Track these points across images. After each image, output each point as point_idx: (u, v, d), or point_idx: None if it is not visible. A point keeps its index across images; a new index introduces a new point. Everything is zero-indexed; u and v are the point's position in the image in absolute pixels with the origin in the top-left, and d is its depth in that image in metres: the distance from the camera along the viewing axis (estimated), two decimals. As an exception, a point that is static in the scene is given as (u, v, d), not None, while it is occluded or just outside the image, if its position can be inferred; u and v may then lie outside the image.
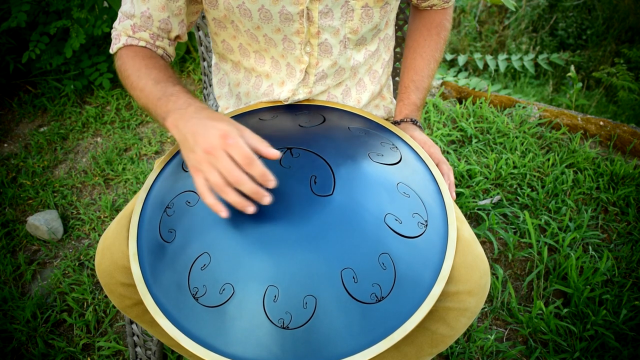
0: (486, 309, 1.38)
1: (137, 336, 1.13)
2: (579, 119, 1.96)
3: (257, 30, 0.86)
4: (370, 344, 0.64)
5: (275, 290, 0.64)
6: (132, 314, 0.85)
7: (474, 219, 1.63)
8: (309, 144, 0.78)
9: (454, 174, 1.51)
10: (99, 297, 1.46)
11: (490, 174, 1.73)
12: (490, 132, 1.92)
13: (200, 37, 1.32)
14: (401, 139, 0.88)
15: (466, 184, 1.71)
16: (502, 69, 2.69)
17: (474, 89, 2.30)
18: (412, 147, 0.87)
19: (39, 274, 1.57)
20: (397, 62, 1.26)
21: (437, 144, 1.73)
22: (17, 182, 1.89)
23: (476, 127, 1.95)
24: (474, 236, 0.82)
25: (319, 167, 0.75)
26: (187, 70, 2.42)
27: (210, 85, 1.39)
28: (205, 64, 1.36)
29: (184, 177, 0.79)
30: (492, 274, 1.41)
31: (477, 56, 2.76)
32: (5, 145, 2.11)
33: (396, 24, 1.16)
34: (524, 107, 2.02)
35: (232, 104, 1.03)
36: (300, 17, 0.83)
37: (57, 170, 1.96)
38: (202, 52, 1.34)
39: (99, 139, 2.09)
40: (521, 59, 2.76)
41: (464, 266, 0.75)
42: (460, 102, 2.14)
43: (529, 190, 1.67)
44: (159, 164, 0.86)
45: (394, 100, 1.10)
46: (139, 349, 1.17)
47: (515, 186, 1.71)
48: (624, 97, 2.77)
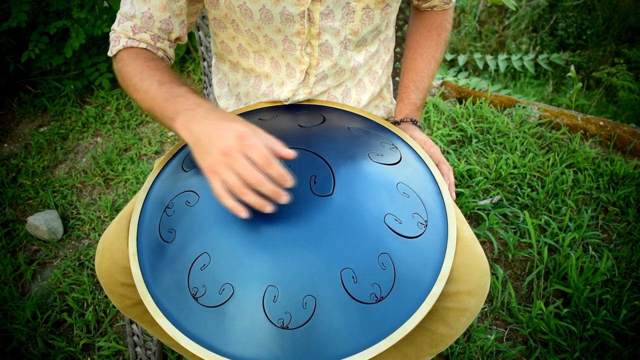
0: (486, 309, 1.38)
1: (137, 336, 1.13)
2: (579, 119, 1.95)
3: (258, 30, 0.86)
4: (370, 344, 0.64)
5: (274, 290, 0.64)
6: (132, 314, 0.85)
7: (474, 219, 1.63)
8: (309, 144, 0.78)
9: (454, 174, 1.51)
10: (99, 297, 1.46)
11: (490, 174, 1.73)
12: (490, 132, 1.92)
13: (200, 37, 1.32)
14: (401, 139, 0.88)
15: (466, 184, 1.71)
16: (502, 69, 2.69)
17: (474, 89, 2.30)
18: (412, 147, 0.87)
19: (39, 274, 1.57)
20: (397, 62, 1.26)
21: (437, 144, 1.73)
22: (17, 182, 1.89)
23: (476, 127, 1.95)
24: (473, 236, 0.82)
25: (318, 167, 0.75)
26: (187, 70, 2.42)
27: (210, 85, 1.39)
28: (205, 64, 1.37)
29: (183, 177, 0.79)
30: (492, 274, 1.41)
31: (477, 56, 2.76)
32: (5, 145, 2.11)
33: (396, 24, 1.16)
34: (524, 107, 2.02)
35: (232, 104, 1.03)
36: (301, 18, 0.83)
37: (57, 170, 1.96)
38: (202, 52, 1.34)
39: (99, 139, 2.09)
40: (521, 59, 2.76)
41: (464, 266, 0.75)
42: (460, 102, 2.14)
43: (529, 190, 1.67)
44: (158, 164, 0.86)
45: (394, 100, 1.10)
46: (139, 349, 1.17)
47: (515, 186, 1.71)
48: (624, 97, 2.77)
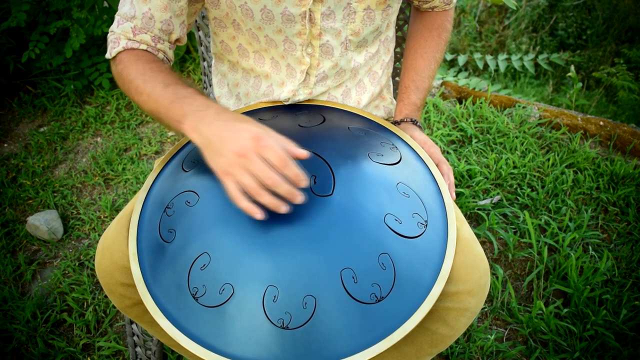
0: (486, 309, 1.38)
1: (137, 336, 1.13)
2: (579, 119, 1.95)
3: (259, 30, 0.86)
4: (370, 344, 0.64)
5: (274, 290, 0.64)
6: (132, 314, 0.85)
7: (474, 219, 1.63)
8: (309, 144, 0.78)
9: (454, 174, 1.51)
10: (99, 297, 1.46)
11: (490, 174, 1.73)
12: (490, 132, 1.92)
13: (200, 37, 1.32)
14: (401, 139, 0.88)
15: (466, 184, 1.71)
16: (502, 69, 2.69)
17: (474, 89, 2.30)
18: (412, 147, 0.87)
19: (39, 274, 1.57)
20: (398, 62, 1.26)
21: (437, 144, 1.73)
22: (17, 182, 1.89)
23: (476, 127, 1.95)
24: (473, 236, 0.82)
25: (318, 167, 0.74)
26: (187, 70, 2.42)
27: (210, 85, 1.39)
28: (205, 64, 1.36)
29: (183, 177, 0.79)
30: (492, 274, 1.41)
31: (477, 56, 2.76)
32: (5, 145, 2.11)
33: (396, 24, 1.16)
34: (524, 107, 2.02)
35: (232, 104, 1.03)
36: (302, 19, 0.82)
37: (57, 170, 1.96)
38: (202, 52, 1.34)
39: (99, 139, 2.09)
40: (521, 59, 2.76)
41: (464, 266, 0.75)
42: (460, 102, 2.14)
43: (529, 190, 1.67)
44: (158, 164, 0.86)
45: (394, 100, 1.10)
46: (139, 349, 1.17)
47: (515, 186, 1.71)
48: (624, 97, 2.77)
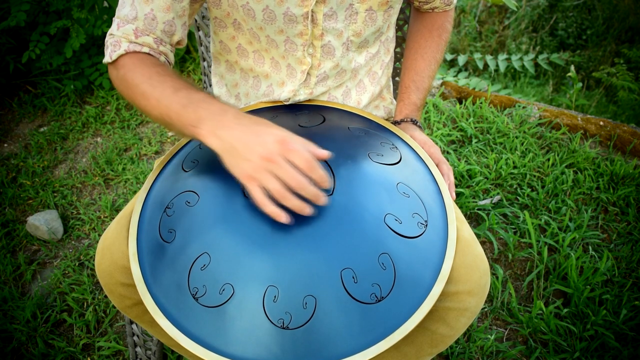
0: (486, 309, 1.38)
1: (137, 336, 1.13)
2: (579, 119, 1.95)
3: (260, 30, 0.86)
4: (370, 344, 0.64)
5: (275, 290, 0.64)
6: (132, 314, 0.85)
7: (474, 219, 1.63)
8: None
9: (454, 174, 1.51)
10: (99, 297, 1.46)
11: (490, 174, 1.73)
12: (490, 132, 1.92)
13: (200, 37, 1.32)
14: (401, 139, 0.88)
15: (466, 184, 1.71)
16: (502, 69, 2.69)
17: (474, 89, 2.30)
18: (412, 147, 0.87)
19: (39, 274, 1.57)
20: (398, 62, 1.26)
21: (437, 144, 1.73)
22: (17, 182, 1.89)
23: (476, 127, 1.95)
24: (473, 236, 0.82)
25: (318, 167, 0.74)
26: (187, 70, 2.42)
27: (210, 85, 1.39)
28: (205, 64, 1.37)
29: (183, 177, 0.78)
30: (492, 274, 1.41)
31: (477, 56, 2.76)
32: (5, 145, 2.11)
33: (396, 24, 1.16)
34: (524, 107, 2.02)
35: (231, 103, 1.03)
36: (304, 19, 0.82)
37: (57, 170, 1.96)
38: (202, 52, 1.34)
39: (99, 139, 2.09)
40: (521, 59, 2.76)
41: (464, 266, 0.75)
42: (460, 102, 2.14)
43: (529, 190, 1.67)
44: (158, 164, 0.85)
45: (394, 100, 1.10)
46: (139, 349, 1.17)
47: (515, 186, 1.71)
48: (624, 97, 2.77)
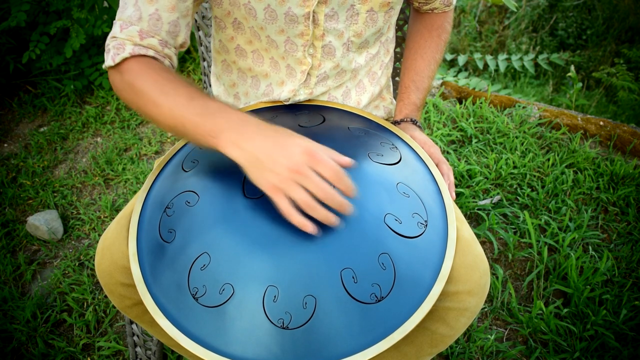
0: (486, 309, 1.38)
1: (137, 336, 1.13)
2: (579, 119, 1.95)
3: (261, 30, 0.86)
4: (370, 344, 0.64)
5: (275, 290, 0.64)
6: (132, 314, 0.85)
7: (474, 219, 1.63)
8: None
9: (454, 174, 1.51)
10: (99, 297, 1.46)
11: (490, 174, 1.73)
12: (490, 132, 1.92)
13: (200, 37, 1.32)
14: (401, 139, 0.88)
15: (466, 184, 1.71)
16: (502, 69, 2.69)
17: (474, 89, 2.30)
18: (412, 147, 0.87)
19: (39, 274, 1.57)
20: (397, 62, 1.26)
21: (437, 144, 1.73)
22: (17, 182, 1.89)
23: (476, 127, 1.95)
24: (473, 236, 0.82)
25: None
26: (187, 70, 2.42)
27: (210, 85, 1.39)
28: (205, 64, 1.37)
29: (183, 177, 0.78)
30: (492, 274, 1.41)
31: (477, 56, 2.76)
32: (5, 145, 2.11)
33: (396, 24, 1.16)
34: (524, 107, 2.02)
35: (230, 102, 1.02)
36: (305, 20, 0.82)
37: (57, 170, 1.96)
38: (202, 52, 1.34)
39: (99, 139, 2.09)
40: (521, 59, 2.76)
41: (464, 266, 0.75)
42: (460, 102, 2.14)
43: (529, 190, 1.67)
44: (158, 164, 0.85)
45: (394, 100, 1.10)
46: (139, 349, 1.17)
47: (515, 186, 1.71)
48: (624, 97, 2.77)
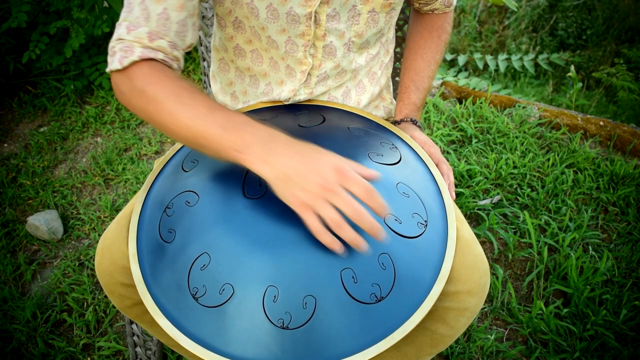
0: (486, 309, 1.38)
1: (137, 336, 1.13)
2: (579, 119, 1.95)
3: (262, 30, 0.86)
4: (370, 344, 0.64)
5: (275, 290, 0.64)
6: (132, 314, 0.85)
7: (474, 219, 1.63)
8: None
9: (454, 174, 1.51)
10: (99, 297, 1.46)
11: (490, 174, 1.73)
12: (490, 132, 1.92)
13: (200, 37, 1.32)
14: (401, 139, 0.88)
15: (466, 184, 1.71)
16: (502, 69, 2.69)
17: (474, 89, 2.30)
18: (411, 147, 0.87)
19: (39, 274, 1.57)
20: (397, 62, 1.26)
21: (437, 144, 1.73)
22: (17, 182, 1.89)
23: (476, 127, 1.95)
24: (473, 236, 0.82)
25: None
26: (187, 70, 2.42)
27: (210, 85, 1.39)
28: (205, 64, 1.37)
29: (183, 177, 0.78)
30: (492, 274, 1.41)
31: (477, 56, 2.76)
32: (5, 145, 2.11)
33: (396, 24, 1.16)
34: (524, 107, 2.02)
35: (227, 101, 1.02)
36: (307, 20, 0.82)
37: (57, 170, 1.96)
38: (202, 52, 1.34)
39: (99, 139, 2.09)
40: (521, 59, 2.76)
41: (464, 266, 0.75)
42: (460, 102, 2.14)
43: (529, 190, 1.67)
44: (158, 164, 0.85)
45: (394, 100, 1.10)
46: (139, 349, 1.17)
47: (515, 186, 1.71)
48: (624, 97, 2.78)
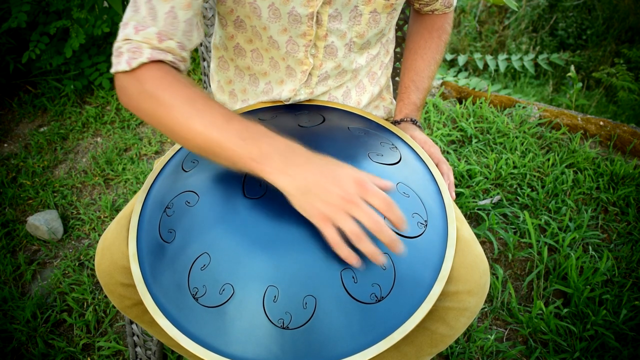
0: (486, 309, 1.38)
1: (137, 336, 1.13)
2: (579, 119, 1.95)
3: (263, 30, 0.86)
4: (370, 344, 0.64)
5: (275, 290, 0.64)
6: (132, 314, 0.85)
7: (474, 219, 1.63)
8: (309, 144, 0.78)
9: (454, 174, 1.51)
10: (99, 297, 1.46)
11: (490, 174, 1.73)
12: (490, 132, 1.92)
13: (200, 37, 1.32)
14: (401, 139, 0.88)
15: (466, 184, 1.71)
16: (502, 69, 2.69)
17: (474, 89, 2.30)
18: (411, 147, 0.87)
19: (39, 274, 1.57)
20: (397, 62, 1.26)
21: (437, 144, 1.73)
22: (17, 182, 1.89)
23: (476, 127, 1.95)
24: (473, 236, 0.82)
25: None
26: (187, 70, 2.42)
27: (210, 85, 1.39)
28: (205, 64, 1.37)
29: (183, 177, 0.78)
30: (492, 274, 1.41)
31: (477, 56, 2.76)
32: (5, 145, 2.11)
33: (396, 24, 1.16)
34: (524, 107, 2.02)
35: (226, 99, 1.03)
36: (309, 20, 0.82)
37: (57, 170, 1.96)
38: (202, 52, 1.34)
39: (99, 139, 2.09)
40: (521, 59, 2.76)
41: (464, 266, 0.75)
42: (460, 102, 2.14)
43: (529, 190, 1.67)
44: (158, 164, 0.85)
45: (394, 100, 1.10)
46: (139, 349, 1.17)
47: (515, 186, 1.71)
48: (624, 97, 2.78)
